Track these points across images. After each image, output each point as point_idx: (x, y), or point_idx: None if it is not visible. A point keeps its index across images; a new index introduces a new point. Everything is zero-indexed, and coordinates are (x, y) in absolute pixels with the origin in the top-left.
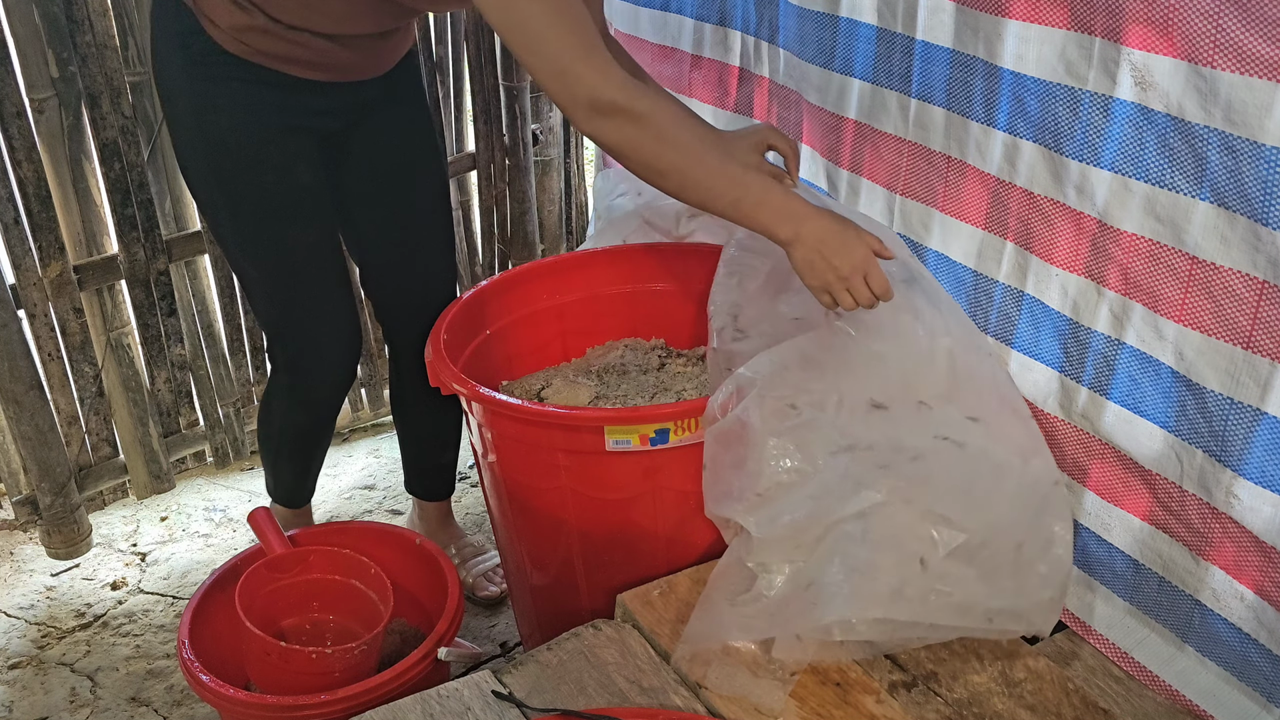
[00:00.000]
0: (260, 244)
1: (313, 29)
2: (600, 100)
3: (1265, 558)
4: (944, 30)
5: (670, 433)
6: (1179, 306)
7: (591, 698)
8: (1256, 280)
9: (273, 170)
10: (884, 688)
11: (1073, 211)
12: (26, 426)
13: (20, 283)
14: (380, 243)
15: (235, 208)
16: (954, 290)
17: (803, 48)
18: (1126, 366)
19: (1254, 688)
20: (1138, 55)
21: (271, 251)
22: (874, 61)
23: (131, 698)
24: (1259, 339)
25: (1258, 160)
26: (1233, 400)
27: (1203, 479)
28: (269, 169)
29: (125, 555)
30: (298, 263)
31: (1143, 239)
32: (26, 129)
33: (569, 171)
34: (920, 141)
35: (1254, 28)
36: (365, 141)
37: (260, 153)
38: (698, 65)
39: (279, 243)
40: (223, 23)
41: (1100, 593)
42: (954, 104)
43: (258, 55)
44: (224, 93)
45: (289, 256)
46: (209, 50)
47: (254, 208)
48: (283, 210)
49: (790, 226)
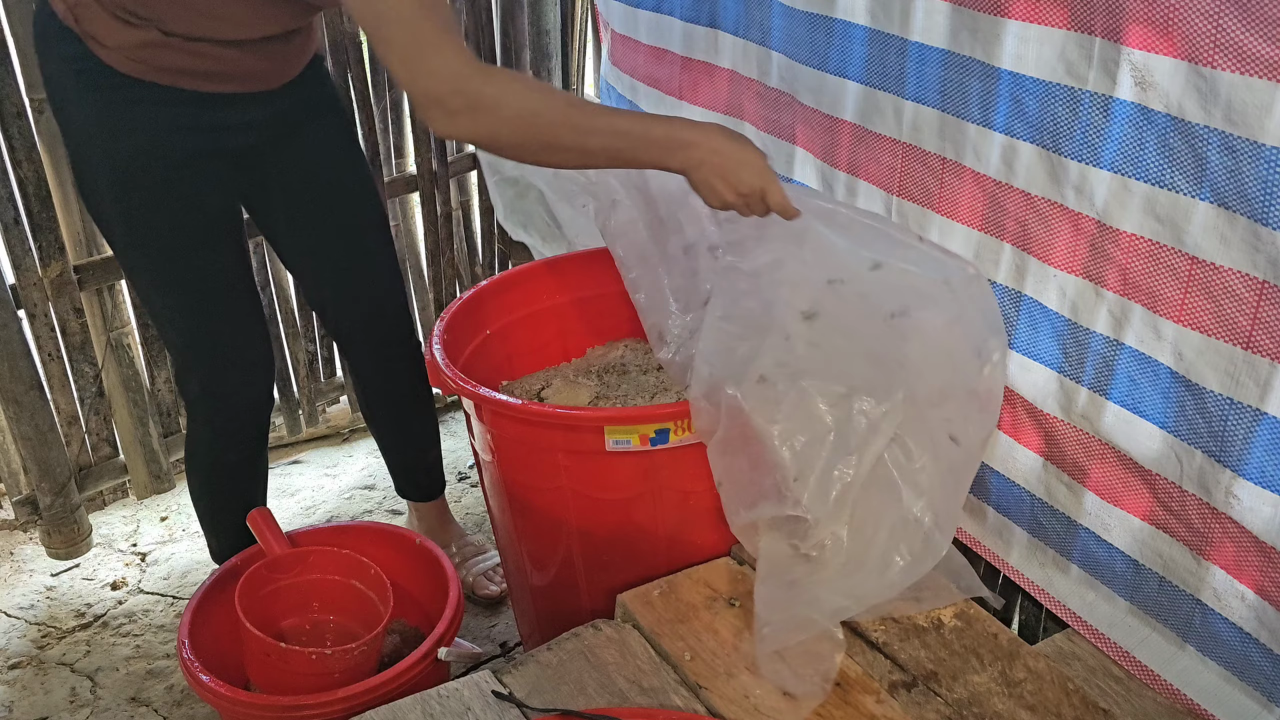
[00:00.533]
0: (170, 275)
1: (212, 37)
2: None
3: (1265, 558)
4: (939, 32)
5: (670, 433)
6: (1178, 307)
7: (591, 698)
8: (1256, 280)
9: (180, 200)
10: (884, 688)
11: (1071, 212)
12: (26, 426)
13: (20, 283)
14: (315, 264)
15: (143, 239)
16: None
17: (796, 50)
18: (1126, 367)
19: (1255, 687)
20: (1138, 55)
21: (182, 282)
22: (868, 63)
23: (131, 698)
24: (1259, 339)
25: (1258, 160)
26: (1232, 400)
27: (1202, 479)
28: (177, 199)
29: (125, 555)
30: (209, 291)
31: (1142, 239)
32: (26, 129)
33: None
34: (915, 143)
35: (1254, 28)
36: (286, 162)
37: (167, 183)
38: (689, 67)
39: (189, 273)
40: (111, 42)
41: (1102, 592)
42: (949, 106)
43: (156, 72)
44: (124, 119)
45: (200, 285)
46: (101, 74)
47: (163, 239)
48: (193, 241)
49: (681, 155)
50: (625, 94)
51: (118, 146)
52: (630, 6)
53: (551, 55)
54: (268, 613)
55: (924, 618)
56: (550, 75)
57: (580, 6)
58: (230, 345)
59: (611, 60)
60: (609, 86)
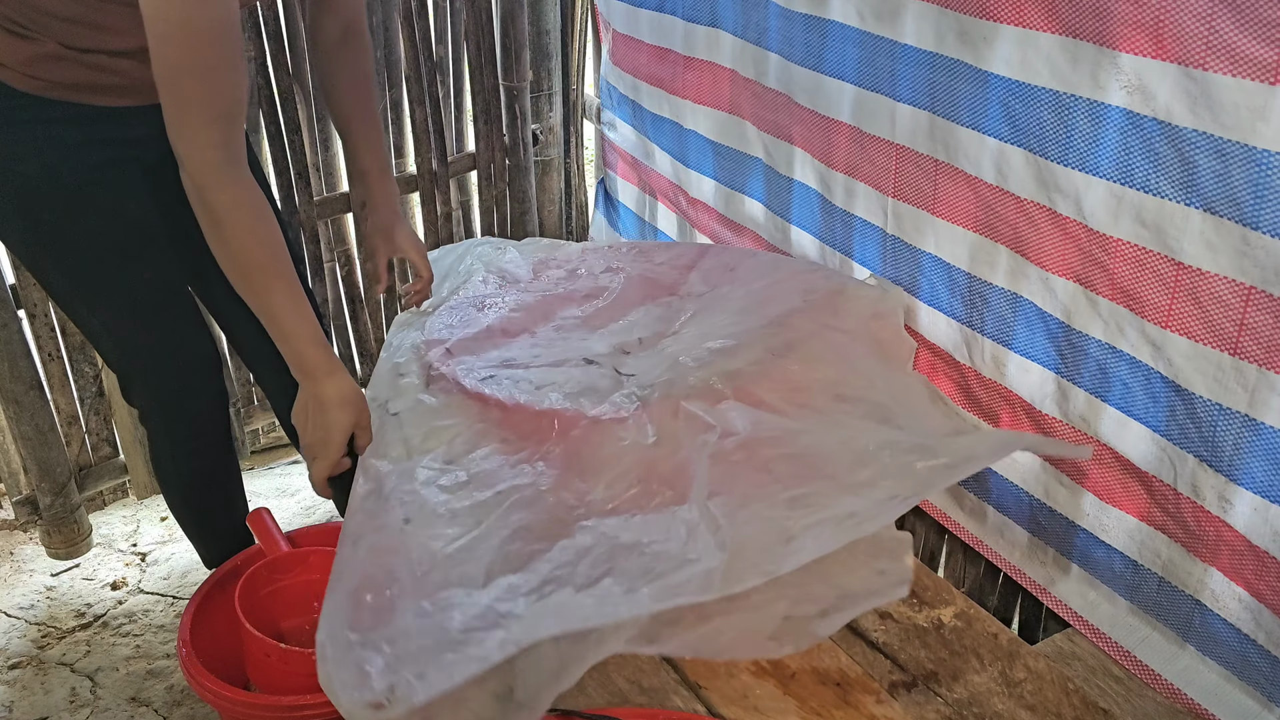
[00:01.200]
0: (96, 290)
1: (103, 48)
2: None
3: (1258, 561)
4: (929, 35)
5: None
6: (1166, 312)
7: (591, 698)
8: (1243, 286)
9: (97, 213)
10: (884, 688)
11: (1061, 218)
12: (26, 426)
13: (20, 283)
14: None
15: (60, 256)
16: (949, 292)
17: (791, 50)
18: (1119, 371)
19: (1254, 687)
20: (1127, 60)
21: (111, 295)
22: (861, 65)
23: (131, 698)
24: (1246, 345)
25: (1249, 163)
26: (1221, 406)
27: (1195, 483)
28: (92, 212)
29: (125, 555)
30: (141, 301)
31: (1130, 245)
32: None
33: (569, 171)
34: (908, 145)
35: (1248, 29)
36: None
37: (81, 195)
38: (690, 66)
39: (117, 285)
40: (8, 59)
41: (1103, 591)
42: (941, 109)
43: (56, 89)
44: (27, 138)
45: (130, 296)
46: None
47: (82, 254)
48: (115, 251)
49: (301, 374)
50: (627, 93)
51: (23, 168)
52: (632, 6)
53: (551, 55)
54: (268, 613)
55: (924, 618)
56: (550, 75)
57: (580, 6)
58: (177, 349)
59: (612, 60)
60: (609, 86)
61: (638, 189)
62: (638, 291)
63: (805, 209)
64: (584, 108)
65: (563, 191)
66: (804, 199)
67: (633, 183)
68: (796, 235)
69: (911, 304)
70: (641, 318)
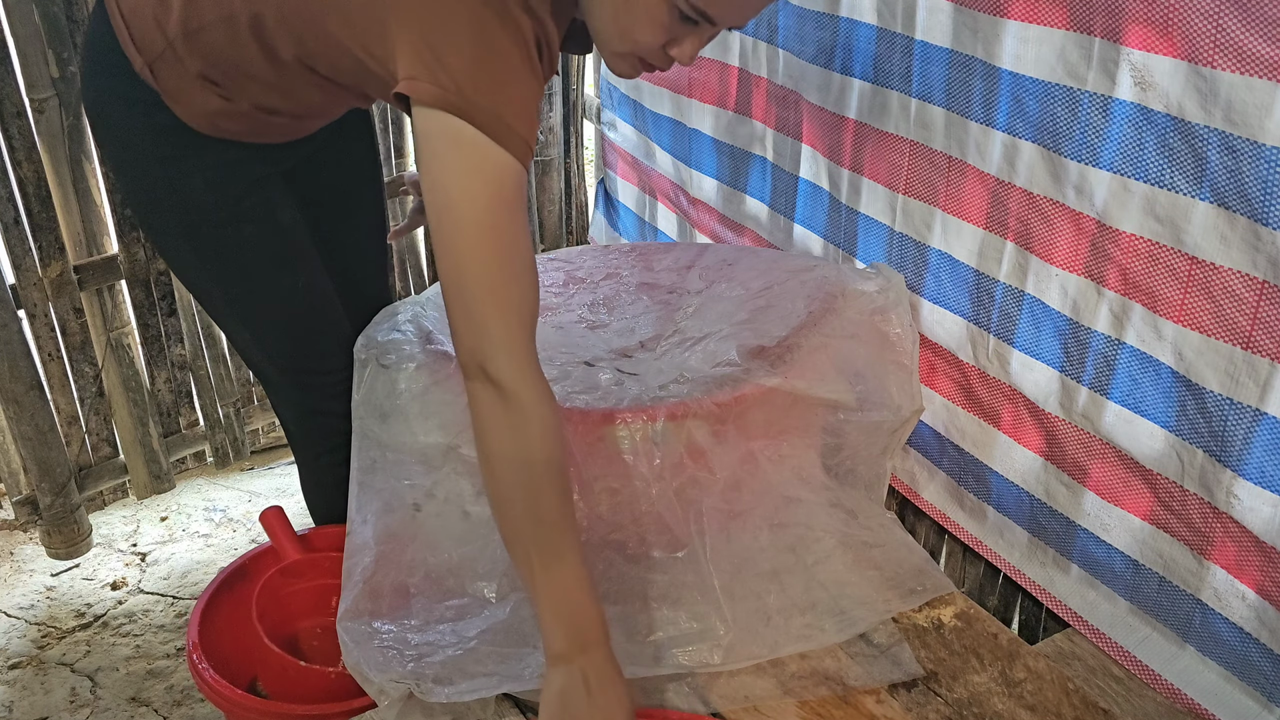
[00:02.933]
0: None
1: (294, 112)
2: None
3: (1266, 558)
4: (942, 30)
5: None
6: (1178, 307)
7: None
8: (1256, 280)
9: (254, 221)
10: (884, 688)
11: (1072, 212)
12: (26, 426)
13: (20, 283)
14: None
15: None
16: (956, 289)
17: (802, 48)
18: (1126, 366)
19: (1255, 687)
20: (1137, 55)
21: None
22: (874, 61)
23: (131, 698)
24: (1258, 339)
25: (1258, 160)
26: (1232, 400)
27: (1203, 479)
28: (249, 220)
29: (125, 555)
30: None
31: (1142, 239)
32: (26, 129)
33: (569, 171)
34: (921, 141)
35: (1254, 28)
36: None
37: (240, 206)
38: (698, 64)
39: (276, 293)
40: (195, 108)
41: (1102, 591)
42: (953, 104)
43: (228, 134)
44: (195, 159)
45: (292, 301)
46: (175, 126)
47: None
48: (272, 259)
49: (568, 642)
50: (629, 93)
51: (189, 183)
52: None
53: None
54: (283, 614)
55: (924, 618)
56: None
57: None
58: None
59: None
60: (610, 86)
61: (638, 189)
62: (637, 292)
63: (810, 206)
64: (584, 107)
65: (562, 191)
66: (809, 196)
67: (633, 183)
68: (799, 233)
69: (915, 301)
70: (641, 318)
